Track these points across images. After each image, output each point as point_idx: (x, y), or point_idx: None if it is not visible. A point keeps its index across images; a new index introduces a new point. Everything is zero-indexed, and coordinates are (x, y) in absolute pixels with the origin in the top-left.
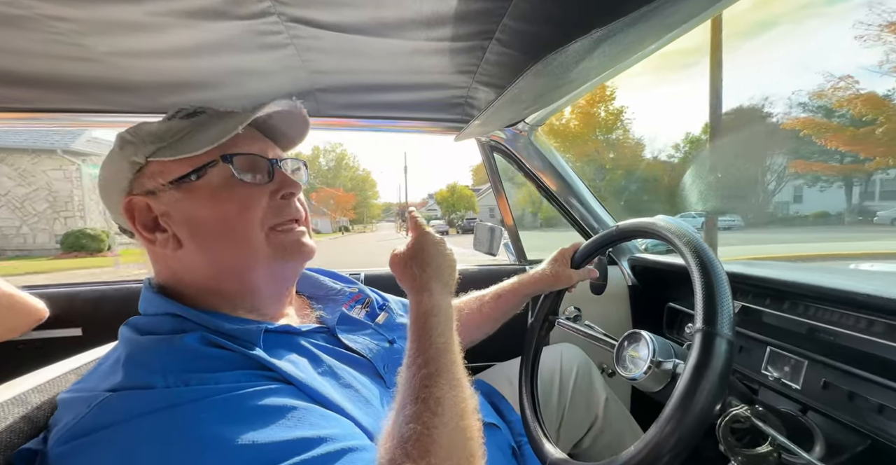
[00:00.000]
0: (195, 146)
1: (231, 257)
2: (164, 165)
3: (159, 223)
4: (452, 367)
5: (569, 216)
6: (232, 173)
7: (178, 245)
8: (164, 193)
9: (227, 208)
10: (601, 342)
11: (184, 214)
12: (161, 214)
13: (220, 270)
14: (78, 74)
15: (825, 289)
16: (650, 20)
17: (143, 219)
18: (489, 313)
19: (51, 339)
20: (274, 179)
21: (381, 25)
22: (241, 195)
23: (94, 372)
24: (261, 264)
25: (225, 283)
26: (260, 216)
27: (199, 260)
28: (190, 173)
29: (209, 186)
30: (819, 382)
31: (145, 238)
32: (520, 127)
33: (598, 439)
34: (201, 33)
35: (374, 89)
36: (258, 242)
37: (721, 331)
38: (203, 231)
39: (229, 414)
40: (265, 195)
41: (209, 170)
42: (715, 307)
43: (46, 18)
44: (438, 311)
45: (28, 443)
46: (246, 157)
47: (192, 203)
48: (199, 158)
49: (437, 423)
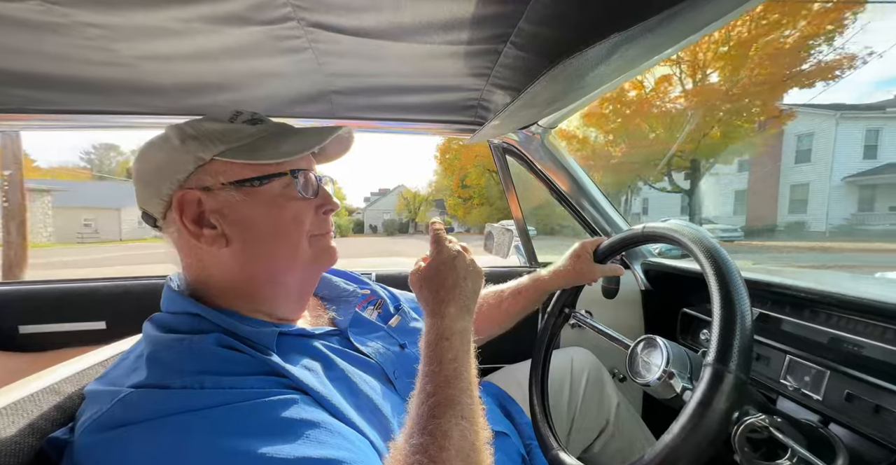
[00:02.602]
0: (268, 155)
1: (273, 260)
2: (230, 165)
3: (207, 219)
4: (462, 396)
5: (580, 219)
6: (294, 187)
7: (225, 243)
8: (220, 192)
9: (283, 216)
10: (615, 341)
11: (239, 215)
12: (212, 211)
13: (257, 270)
14: (107, 78)
15: (848, 297)
16: (669, 25)
17: (191, 213)
18: (507, 309)
19: (76, 331)
20: (319, 196)
21: (399, 29)
22: (297, 207)
23: (118, 365)
24: (297, 267)
25: (256, 283)
26: (307, 228)
27: (240, 260)
28: (255, 178)
29: (269, 194)
30: (842, 393)
31: (191, 232)
32: (532, 129)
33: (609, 444)
34: (225, 38)
35: (388, 92)
36: (303, 248)
37: (731, 369)
38: (254, 233)
39: (241, 426)
40: (312, 209)
41: (274, 179)
42: (731, 344)
43: (80, 25)
44: (451, 335)
45: (57, 432)
46: (305, 173)
47: (249, 206)
48: (269, 167)
49: (445, 457)
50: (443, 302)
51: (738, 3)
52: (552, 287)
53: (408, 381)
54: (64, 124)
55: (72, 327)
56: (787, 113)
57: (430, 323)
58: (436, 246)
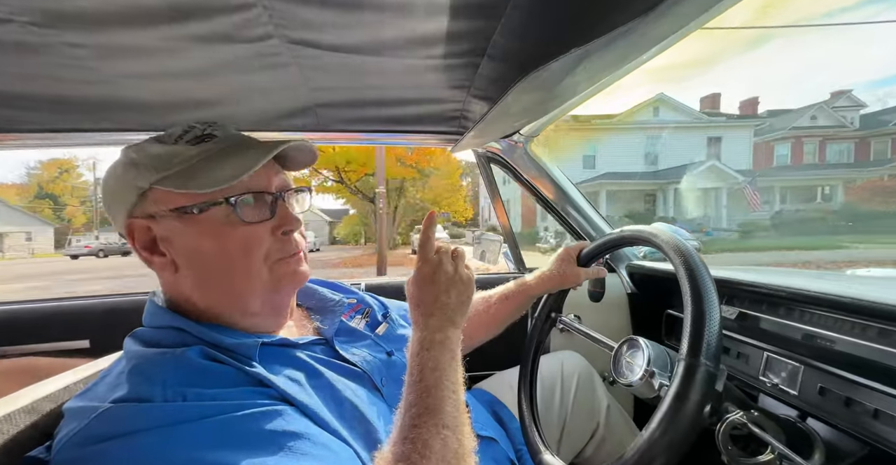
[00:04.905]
0: (200, 184)
1: (228, 286)
2: (167, 193)
3: (157, 246)
4: (444, 404)
5: (566, 224)
6: (237, 213)
7: (175, 270)
8: (164, 220)
9: (229, 246)
10: (601, 344)
11: (184, 243)
12: (161, 239)
13: (215, 296)
14: (90, 95)
15: (819, 294)
16: (628, 38)
17: (142, 240)
18: (496, 315)
19: (59, 351)
20: (276, 215)
21: (379, 45)
22: (244, 234)
23: (99, 382)
24: (257, 292)
25: (221, 305)
26: (263, 253)
27: (194, 285)
28: (192, 206)
29: (211, 221)
30: (816, 387)
31: (144, 258)
32: (515, 138)
33: (601, 447)
34: (209, 55)
35: (372, 104)
36: (259, 275)
37: (702, 362)
38: (202, 262)
39: (224, 438)
40: (267, 232)
41: (212, 207)
42: (701, 338)
43: (64, 45)
44: (431, 345)
45: (34, 451)
46: (252, 195)
47: (192, 234)
48: (204, 196)
49: None
50: (423, 315)
51: (690, 18)
52: (538, 292)
53: (395, 388)
54: (50, 143)
55: (55, 347)
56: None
57: (413, 334)
58: (419, 257)
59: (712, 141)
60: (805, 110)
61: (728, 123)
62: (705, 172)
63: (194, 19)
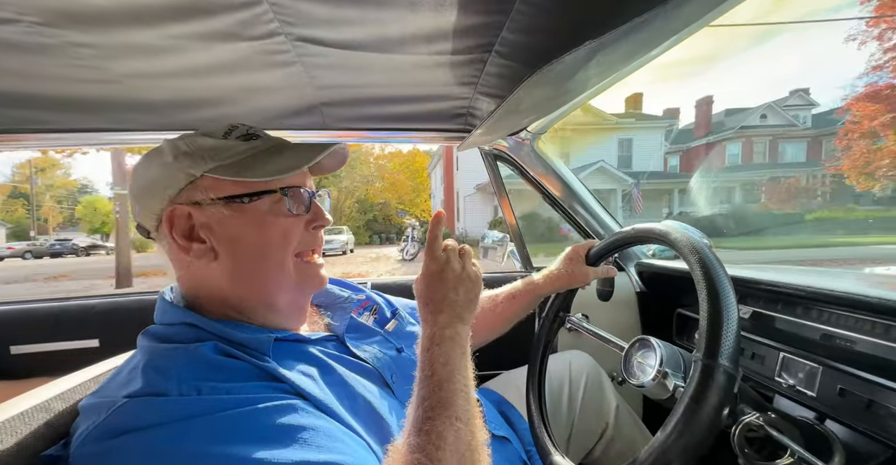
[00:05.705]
0: (258, 173)
1: (262, 276)
2: (219, 182)
3: (196, 233)
4: (456, 398)
5: (573, 222)
6: (284, 204)
7: (214, 257)
8: (210, 207)
9: (272, 234)
10: (610, 344)
11: (227, 231)
12: (201, 226)
13: (247, 285)
14: (97, 95)
15: (838, 293)
16: (642, 31)
17: (181, 227)
18: (502, 314)
19: (68, 350)
20: (311, 211)
21: (385, 42)
22: (286, 225)
23: (112, 379)
24: (284, 287)
25: (247, 297)
26: (294, 245)
27: (229, 274)
28: (244, 195)
29: (258, 211)
30: (835, 389)
31: (180, 246)
32: (522, 136)
33: (610, 447)
34: (215, 54)
35: (378, 102)
36: (288, 267)
37: (720, 363)
38: (242, 250)
39: (239, 432)
40: (301, 225)
41: (263, 196)
42: (719, 339)
43: (71, 45)
44: (441, 341)
45: (50, 449)
46: (296, 190)
47: (238, 222)
48: (257, 185)
49: (441, 456)
50: (432, 312)
51: (705, 10)
52: (546, 291)
53: (406, 385)
54: (56, 143)
55: (64, 346)
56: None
57: (423, 331)
58: (427, 255)
59: (623, 143)
60: (757, 110)
61: (636, 125)
62: (595, 174)
63: (200, 17)
